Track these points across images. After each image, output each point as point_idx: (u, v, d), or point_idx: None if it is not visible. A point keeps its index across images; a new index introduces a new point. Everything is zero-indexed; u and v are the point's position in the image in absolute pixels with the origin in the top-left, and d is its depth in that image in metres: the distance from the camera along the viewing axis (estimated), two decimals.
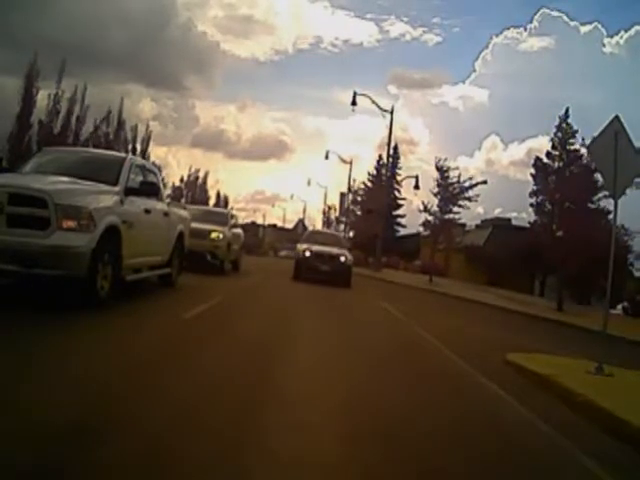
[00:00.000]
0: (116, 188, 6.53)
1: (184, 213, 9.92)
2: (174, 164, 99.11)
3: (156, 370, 3.97)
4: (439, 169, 25.58)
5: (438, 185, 25.38)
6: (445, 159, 25.89)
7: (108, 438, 2.59)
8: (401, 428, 3.52)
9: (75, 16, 50.93)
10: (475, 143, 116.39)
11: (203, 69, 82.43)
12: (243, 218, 58.85)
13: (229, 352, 5.00)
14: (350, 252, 16.63)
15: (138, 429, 2.77)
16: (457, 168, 25.82)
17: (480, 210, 60.60)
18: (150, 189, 7.39)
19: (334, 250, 15.65)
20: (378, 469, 2.78)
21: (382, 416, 3.71)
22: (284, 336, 6.40)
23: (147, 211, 7.29)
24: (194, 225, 10.66)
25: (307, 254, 15.32)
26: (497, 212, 53.19)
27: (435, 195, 25.57)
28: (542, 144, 25.28)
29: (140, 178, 7.41)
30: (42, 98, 30.35)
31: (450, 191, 24.90)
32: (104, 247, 5.75)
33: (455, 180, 24.95)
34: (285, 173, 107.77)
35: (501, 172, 73.63)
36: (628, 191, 18.36)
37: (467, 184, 24.87)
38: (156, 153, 61.31)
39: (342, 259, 15.35)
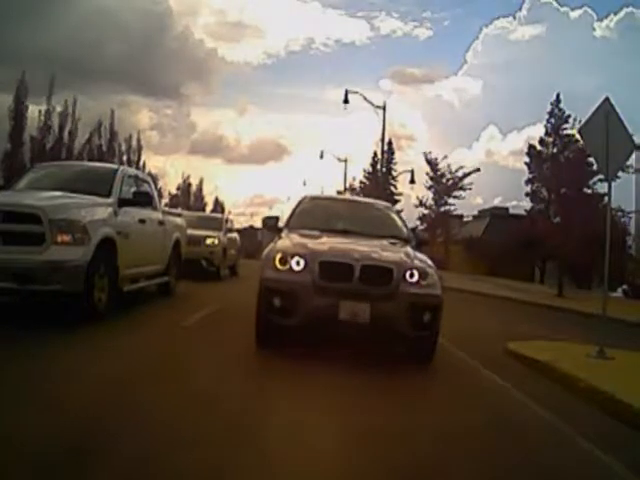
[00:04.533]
0: (109, 200, 6.54)
1: (180, 221, 9.92)
2: (172, 172, 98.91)
3: (155, 382, 3.99)
4: (429, 162, 25.59)
5: (431, 178, 25.41)
6: (430, 152, 25.84)
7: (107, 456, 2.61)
8: (401, 410, 3.73)
9: (72, 30, 51.13)
10: (473, 135, 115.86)
11: (201, 76, 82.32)
12: (242, 223, 58.83)
13: (227, 360, 4.99)
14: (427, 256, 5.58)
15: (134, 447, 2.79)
16: (446, 157, 25.81)
17: (479, 201, 60.62)
18: (144, 199, 7.38)
19: (384, 252, 5.13)
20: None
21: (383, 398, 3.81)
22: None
23: (142, 221, 7.30)
24: (188, 232, 10.64)
25: (296, 267, 4.80)
26: (497, 202, 53.05)
27: (428, 189, 25.63)
28: (541, 132, 25.37)
29: (133, 188, 7.41)
30: (35, 114, 30.54)
31: (444, 183, 24.92)
32: (100, 259, 5.76)
33: (447, 171, 24.94)
34: (283, 175, 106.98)
35: (501, 162, 73.09)
36: (623, 175, 18.52)
37: (460, 173, 24.86)
38: (154, 162, 61.15)
39: (412, 277, 4.86)
